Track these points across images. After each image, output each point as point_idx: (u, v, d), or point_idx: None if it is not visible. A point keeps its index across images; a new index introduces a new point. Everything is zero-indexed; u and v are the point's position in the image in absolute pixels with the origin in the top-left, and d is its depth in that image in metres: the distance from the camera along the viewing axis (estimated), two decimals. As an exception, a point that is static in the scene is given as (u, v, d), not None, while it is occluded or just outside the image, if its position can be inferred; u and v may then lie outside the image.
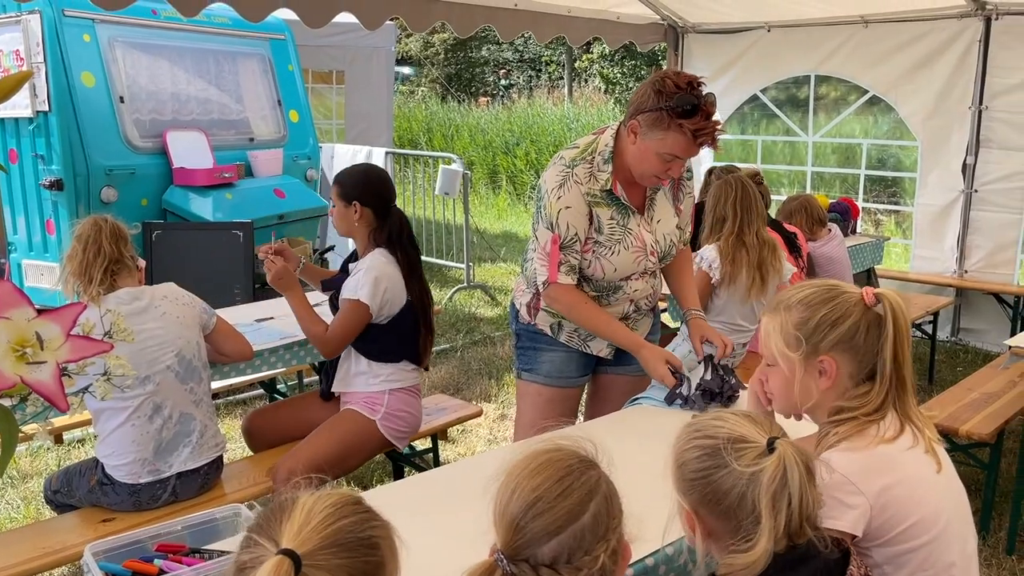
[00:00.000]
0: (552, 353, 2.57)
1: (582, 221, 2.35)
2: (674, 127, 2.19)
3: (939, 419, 3.22)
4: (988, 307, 5.71)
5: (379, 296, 2.77)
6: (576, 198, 2.33)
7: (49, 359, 1.00)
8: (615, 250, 2.39)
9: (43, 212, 5.24)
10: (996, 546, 3.24)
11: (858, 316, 1.50)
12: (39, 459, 3.92)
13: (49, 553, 2.33)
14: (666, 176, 2.33)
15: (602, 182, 2.35)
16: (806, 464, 1.24)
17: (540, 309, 2.56)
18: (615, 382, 2.66)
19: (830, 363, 1.50)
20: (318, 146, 6.86)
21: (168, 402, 2.51)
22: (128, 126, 5.34)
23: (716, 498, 1.26)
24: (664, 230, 2.48)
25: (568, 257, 2.36)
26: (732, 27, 6.43)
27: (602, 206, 2.37)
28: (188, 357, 2.57)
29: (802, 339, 1.51)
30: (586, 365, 2.62)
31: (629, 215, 2.40)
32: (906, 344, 1.50)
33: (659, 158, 2.25)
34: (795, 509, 1.21)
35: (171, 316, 2.55)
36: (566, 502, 1.11)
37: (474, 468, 2.11)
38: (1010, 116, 5.35)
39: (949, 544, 1.45)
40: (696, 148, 2.24)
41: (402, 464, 3.37)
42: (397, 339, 2.88)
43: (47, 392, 1.00)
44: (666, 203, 2.51)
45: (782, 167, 7.80)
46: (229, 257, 4.95)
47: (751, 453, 1.24)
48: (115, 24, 5.32)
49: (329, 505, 0.97)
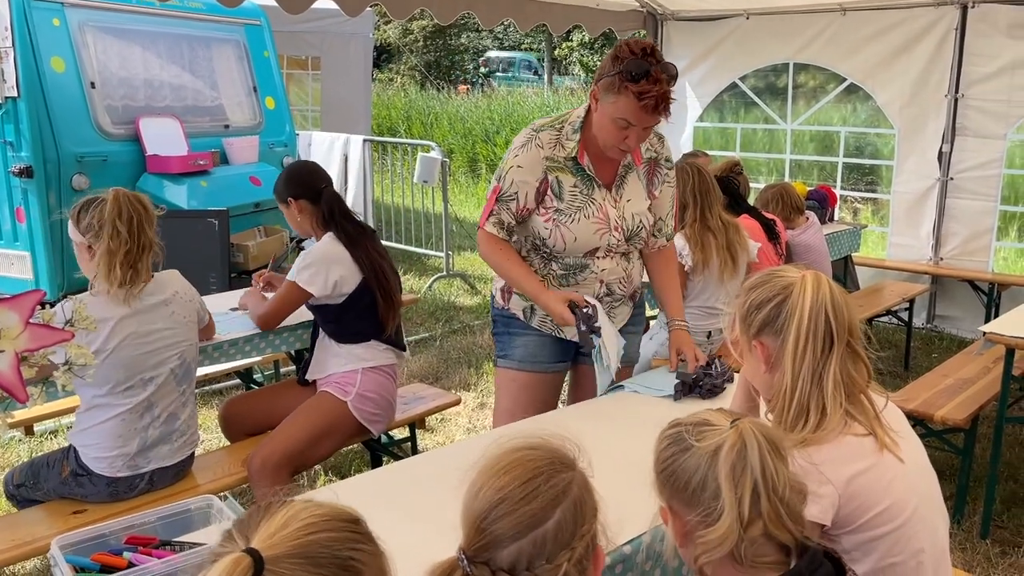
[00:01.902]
0: (525, 338, 2.56)
1: (529, 183, 2.38)
2: (624, 91, 2.21)
3: (915, 405, 3.25)
4: (963, 294, 5.77)
5: (317, 277, 2.82)
6: (531, 160, 2.37)
7: (7, 348, 0.97)
8: (575, 218, 2.38)
9: (12, 200, 5.13)
10: (971, 530, 3.27)
11: (781, 299, 1.49)
12: (10, 451, 3.86)
13: (19, 545, 2.29)
14: (624, 146, 2.32)
15: (568, 150, 2.38)
16: (770, 440, 1.21)
17: (513, 293, 2.55)
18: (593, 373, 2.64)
19: (759, 347, 1.51)
20: (295, 133, 6.79)
21: (161, 402, 2.49)
22: (99, 112, 5.24)
23: (682, 484, 1.23)
24: (633, 210, 2.46)
25: (501, 211, 2.42)
26: (711, 14, 6.42)
27: (566, 173, 2.38)
28: (188, 360, 2.57)
29: (742, 322, 1.54)
30: (563, 352, 2.60)
31: (594, 187, 2.40)
32: (804, 330, 1.45)
33: (614, 124, 2.27)
34: (759, 483, 1.17)
35: (179, 316, 2.53)
36: (529, 506, 1.07)
37: (452, 457, 2.09)
38: (985, 104, 5.38)
39: (918, 530, 1.45)
40: (647, 115, 2.23)
41: (380, 453, 3.35)
42: (356, 315, 2.90)
43: (5, 383, 0.97)
44: (639, 185, 2.49)
45: (761, 155, 7.81)
46: (204, 245, 4.88)
47: (713, 434, 1.22)
48: (85, 8, 5.22)
49: (316, 515, 0.91)
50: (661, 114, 2.25)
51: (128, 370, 2.40)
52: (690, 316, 3.60)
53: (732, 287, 3.60)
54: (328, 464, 3.69)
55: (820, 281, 1.49)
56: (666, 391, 2.40)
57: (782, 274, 1.53)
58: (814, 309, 1.46)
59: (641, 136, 2.32)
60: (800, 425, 1.45)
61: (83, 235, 2.38)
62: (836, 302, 1.48)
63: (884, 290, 5.28)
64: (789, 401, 1.46)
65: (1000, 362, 3.37)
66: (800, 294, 1.47)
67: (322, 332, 2.99)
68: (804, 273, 1.51)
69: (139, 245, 2.39)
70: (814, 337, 1.46)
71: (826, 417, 1.45)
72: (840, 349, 1.47)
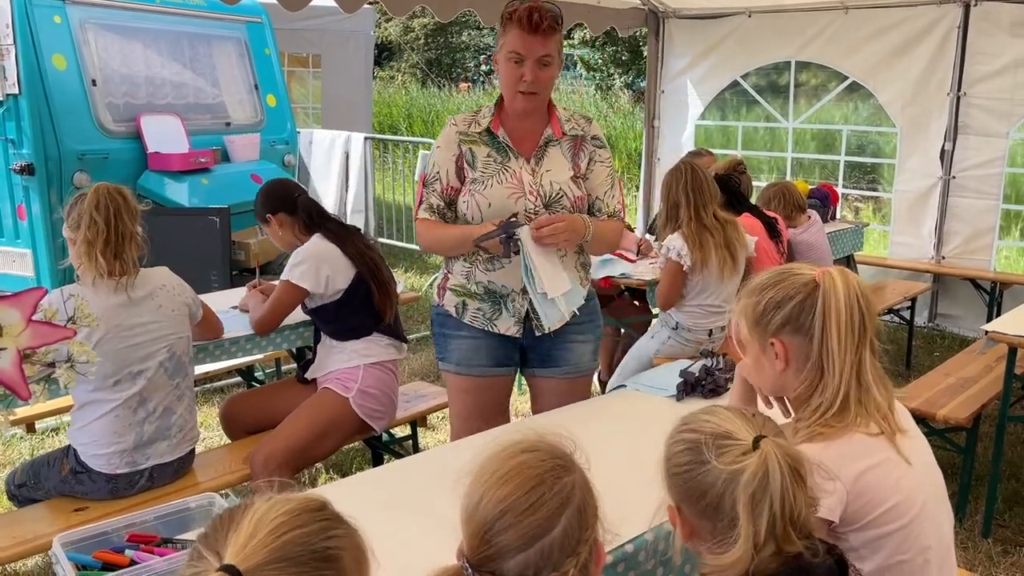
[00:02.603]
0: (459, 340, 2.50)
1: (447, 160, 2.42)
2: (507, 24, 2.30)
3: (916, 404, 3.24)
4: (965, 293, 5.76)
5: (309, 273, 2.84)
6: (447, 138, 2.43)
7: (9, 346, 0.96)
8: (488, 184, 2.37)
9: (14, 197, 5.14)
10: (972, 529, 3.27)
11: (803, 297, 1.48)
12: (11, 448, 3.86)
13: (20, 543, 2.29)
14: (523, 86, 2.30)
15: (483, 125, 2.41)
16: (793, 466, 1.18)
17: (447, 289, 2.53)
18: (547, 385, 2.56)
19: (779, 345, 1.50)
20: (296, 131, 6.78)
21: (155, 396, 2.48)
22: (101, 110, 5.24)
23: (696, 495, 1.21)
24: (552, 178, 2.40)
25: (430, 195, 2.44)
26: (713, 12, 6.41)
27: (479, 144, 2.41)
28: (178, 353, 2.55)
29: (755, 323, 1.52)
30: (505, 356, 2.50)
31: (510, 156, 2.40)
32: (844, 324, 1.45)
33: (508, 64, 2.31)
34: (777, 513, 1.15)
35: (167, 310, 2.51)
36: (535, 516, 1.05)
37: (454, 455, 2.09)
38: (988, 103, 5.37)
39: (925, 527, 1.45)
40: (530, 35, 2.26)
41: (381, 451, 3.35)
42: (352, 310, 2.90)
43: (7, 380, 0.96)
44: (561, 158, 2.43)
45: (762, 153, 7.81)
46: (206, 243, 4.88)
47: (734, 451, 1.19)
48: (87, 5, 5.22)
49: (283, 514, 0.89)
50: (545, 34, 2.26)
51: (115, 363, 2.39)
52: (691, 315, 3.61)
53: (732, 285, 3.59)
54: (329, 462, 3.68)
55: (847, 274, 1.49)
56: (668, 390, 2.40)
57: (797, 271, 1.52)
58: (849, 303, 1.46)
59: (536, 71, 2.29)
60: (840, 416, 1.45)
61: (71, 230, 2.40)
62: (864, 293, 1.48)
63: (886, 289, 5.27)
64: (834, 397, 1.45)
65: (1002, 361, 3.36)
66: (832, 289, 1.46)
67: (323, 334, 3.00)
68: (826, 269, 1.50)
69: (119, 235, 2.37)
70: (851, 330, 1.45)
71: (864, 408, 1.45)
72: (870, 338, 1.47)
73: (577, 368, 2.54)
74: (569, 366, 2.52)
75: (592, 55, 19.50)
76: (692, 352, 3.60)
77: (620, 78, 18.90)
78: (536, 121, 2.42)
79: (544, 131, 2.42)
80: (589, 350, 2.57)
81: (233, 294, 3.54)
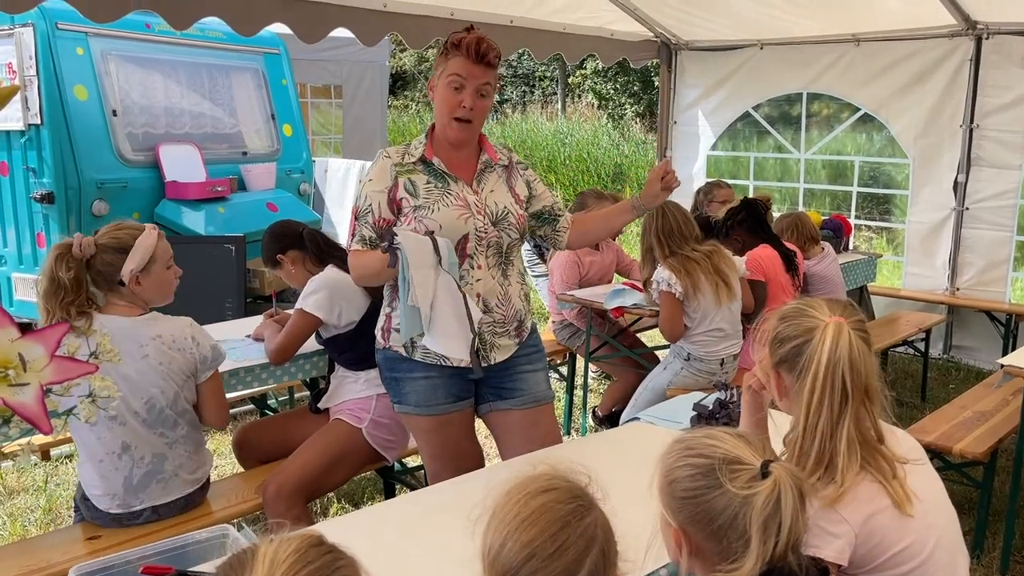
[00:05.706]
0: (414, 382, 2.44)
1: (379, 192, 2.40)
2: (450, 51, 2.35)
3: (933, 438, 3.22)
4: (980, 325, 5.72)
5: (324, 301, 2.85)
6: (380, 171, 2.43)
7: (32, 381, 0.98)
8: (435, 208, 2.37)
9: (34, 225, 5.21)
10: (990, 565, 3.22)
11: (802, 342, 1.49)
12: (26, 475, 3.88)
13: (33, 571, 2.29)
14: (461, 112, 2.35)
15: (416, 155, 2.43)
16: (799, 489, 1.22)
17: (391, 330, 2.47)
18: (509, 420, 2.52)
19: (776, 376, 1.52)
20: (311, 160, 6.85)
21: (139, 445, 2.40)
22: (120, 139, 5.32)
23: (707, 518, 1.23)
24: (496, 199, 2.45)
25: (362, 227, 2.42)
26: (725, 44, 6.46)
27: (417, 173, 2.42)
28: (160, 406, 2.41)
29: (768, 346, 1.56)
30: (462, 390, 2.47)
31: (450, 181, 2.42)
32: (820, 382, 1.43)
33: (448, 88, 2.35)
34: (784, 535, 1.18)
35: (152, 362, 2.37)
36: (560, 561, 1.06)
37: (466, 487, 2.09)
38: (1001, 135, 5.38)
39: (938, 568, 1.44)
40: (473, 64, 2.33)
41: (393, 481, 3.35)
42: (369, 340, 2.87)
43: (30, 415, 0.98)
44: (500, 181, 2.50)
45: (773, 184, 7.81)
46: (221, 271, 4.92)
47: (745, 475, 1.22)
48: (108, 37, 5.31)
49: (292, 552, 0.92)
50: (487, 65, 2.34)
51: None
52: (701, 344, 3.61)
53: (734, 307, 3.62)
54: (341, 492, 3.68)
55: (841, 333, 1.46)
56: (682, 423, 2.40)
57: (811, 313, 1.52)
58: (830, 365, 1.44)
59: (474, 99, 2.35)
60: (819, 475, 1.44)
61: None
62: (854, 358, 1.45)
63: (900, 320, 5.25)
64: (807, 450, 1.45)
65: (1019, 395, 3.34)
66: (819, 345, 1.45)
67: (336, 364, 3.01)
68: (829, 320, 1.48)
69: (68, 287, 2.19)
70: (830, 392, 1.44)
71: (839, 473, 1.43)
72: (854, 407, 1.45)
73: (534, 397, 2.53)
74: (526, 395, 2.50)
75: (604, 85, 19.65)
76: (705, 383, 3.59)
77: (631, 108, 19.03)
78: (469, 153, 2.49)
79: (481, 156, 2.50)
80: (542, 379, 2.58)
81: (248, 322, 3.57)
